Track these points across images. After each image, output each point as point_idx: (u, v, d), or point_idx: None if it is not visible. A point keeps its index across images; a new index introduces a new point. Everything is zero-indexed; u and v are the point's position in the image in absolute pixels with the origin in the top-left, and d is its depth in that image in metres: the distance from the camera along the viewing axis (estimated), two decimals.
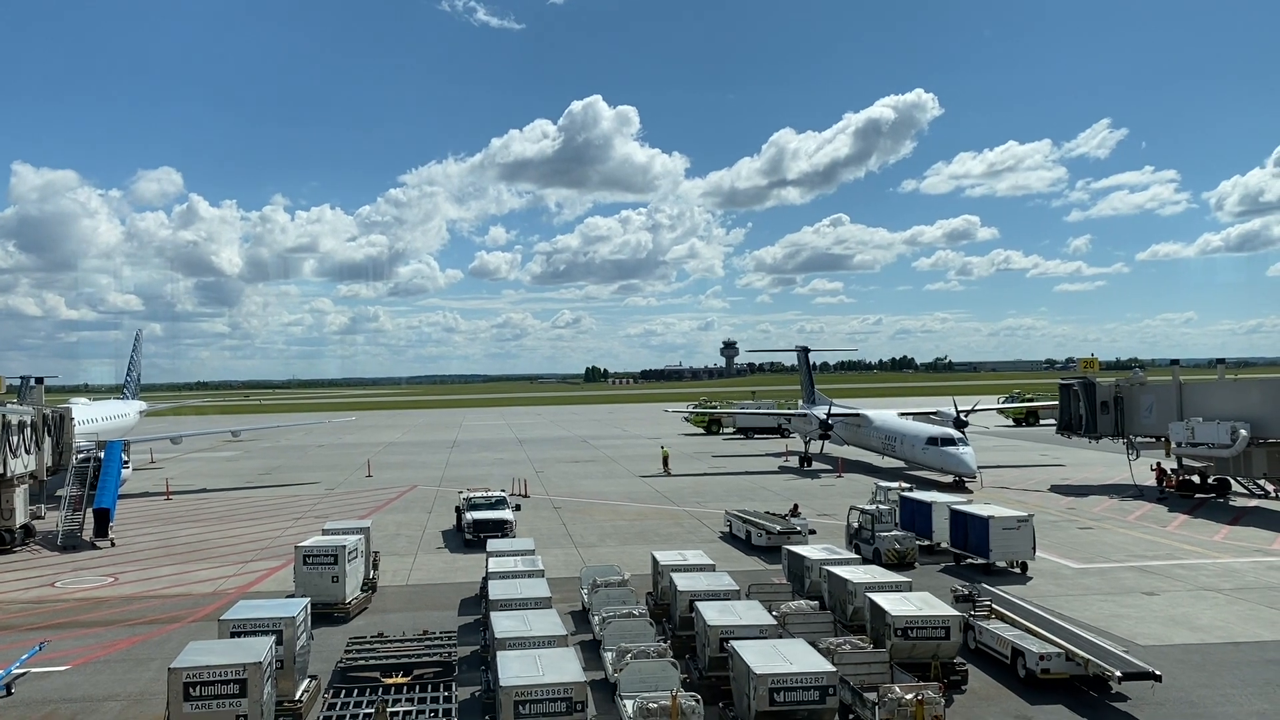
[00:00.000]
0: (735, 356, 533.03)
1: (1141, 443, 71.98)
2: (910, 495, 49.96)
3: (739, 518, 52.85)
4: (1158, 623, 34.95)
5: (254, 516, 64.40)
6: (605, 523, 59.04)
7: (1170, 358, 73.24)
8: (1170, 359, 75.14)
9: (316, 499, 72.43)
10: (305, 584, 36.92)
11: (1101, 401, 73.15)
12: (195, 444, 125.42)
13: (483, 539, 48.01)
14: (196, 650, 24.46)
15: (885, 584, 32.15)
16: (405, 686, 26.86)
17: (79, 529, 54.53)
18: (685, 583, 32.56)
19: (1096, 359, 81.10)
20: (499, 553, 39.41)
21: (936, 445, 72.30)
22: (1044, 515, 55.34)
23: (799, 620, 30.64)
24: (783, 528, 48.75)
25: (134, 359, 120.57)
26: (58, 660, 32.32)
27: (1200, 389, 67.09)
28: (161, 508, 69.74)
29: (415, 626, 34.05)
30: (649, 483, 78.05)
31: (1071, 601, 37.89)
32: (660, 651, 27.70)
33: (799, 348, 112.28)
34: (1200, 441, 62.48)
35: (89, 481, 56.22)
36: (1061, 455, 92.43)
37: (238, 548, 52.90)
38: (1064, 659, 28.08)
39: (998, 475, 77.32)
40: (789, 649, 25.16)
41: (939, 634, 28.21)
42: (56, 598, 42.17)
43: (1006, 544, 42.37)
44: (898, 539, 45.07)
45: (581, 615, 36.30)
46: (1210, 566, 43.94)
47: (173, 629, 36.24)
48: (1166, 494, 65.55)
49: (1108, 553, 47.41)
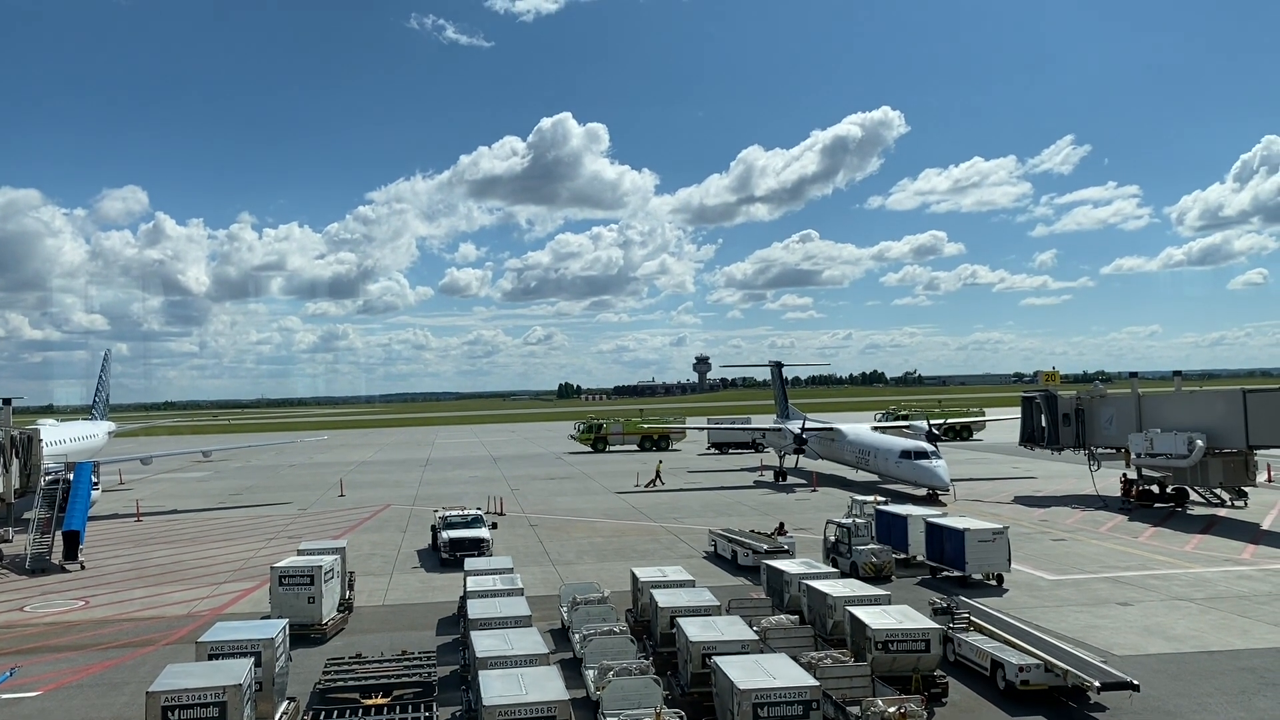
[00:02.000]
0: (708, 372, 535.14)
1: (1102, 454, 73.37)
2: (886, 509, 50.18)
3: (724, 537, 51.93)
4: (1133, 633, 35.30)
5: (227, 537, 63.71)
6: (583, 540, 58.89)
7: (1136, 371, 74.50)
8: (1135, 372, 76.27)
9: (290, 519, 71.77)
10: (281, 605, 36.55)
11: (1063, 414, 74.63)
12: (166, 464, 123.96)
13: (459, 558, 47.76)
14: (175, 673, 24.15)
15: (865, 597, 32.24)
16: (385, 707, 26.62)
17: (48, 552, 53.67)
18: (666, 599, 32.52)
19: (1058, 372, 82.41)
20: (477, 571, 39.16)
21: (910, 458, 72.75)
22: (1017, 527, 55.77)
23: (780, 635, 30.68)
24: (770, 547, 47.87)
25: (102, 379, 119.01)
26: (29, 685, 31.78)
27: (1158, 401, 68.43)
28: (132, 529, 68.84)
29: (393, 647, 33.78)
30: (625, 499, 77.94)
31: (1048, 613, 38.19)
32: (642, 669, 27.62)
33: (772, 363, 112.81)
34: (1158, 452, 63.94)
35: (58, 504, 55.36)
36: (1033, 468, 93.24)
37: (211, 569, 52.31)
38: (1043, 670, 28.27)
39: (970, 488, 77.88)
40: (772, 664, 25.17)
41: (919, 647, 28.33)
42: (26, 622, 41.51)
43: (982, 556, 42.66)
44: (874, 552, 45.28)
45: (561, 633, 36.15)
46: (1182, 576, 44.44)
47: (147, 652, 35.75)
48: (1129, 504, 66.62)
49: (1082, 564, 47.84)
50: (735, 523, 61.44)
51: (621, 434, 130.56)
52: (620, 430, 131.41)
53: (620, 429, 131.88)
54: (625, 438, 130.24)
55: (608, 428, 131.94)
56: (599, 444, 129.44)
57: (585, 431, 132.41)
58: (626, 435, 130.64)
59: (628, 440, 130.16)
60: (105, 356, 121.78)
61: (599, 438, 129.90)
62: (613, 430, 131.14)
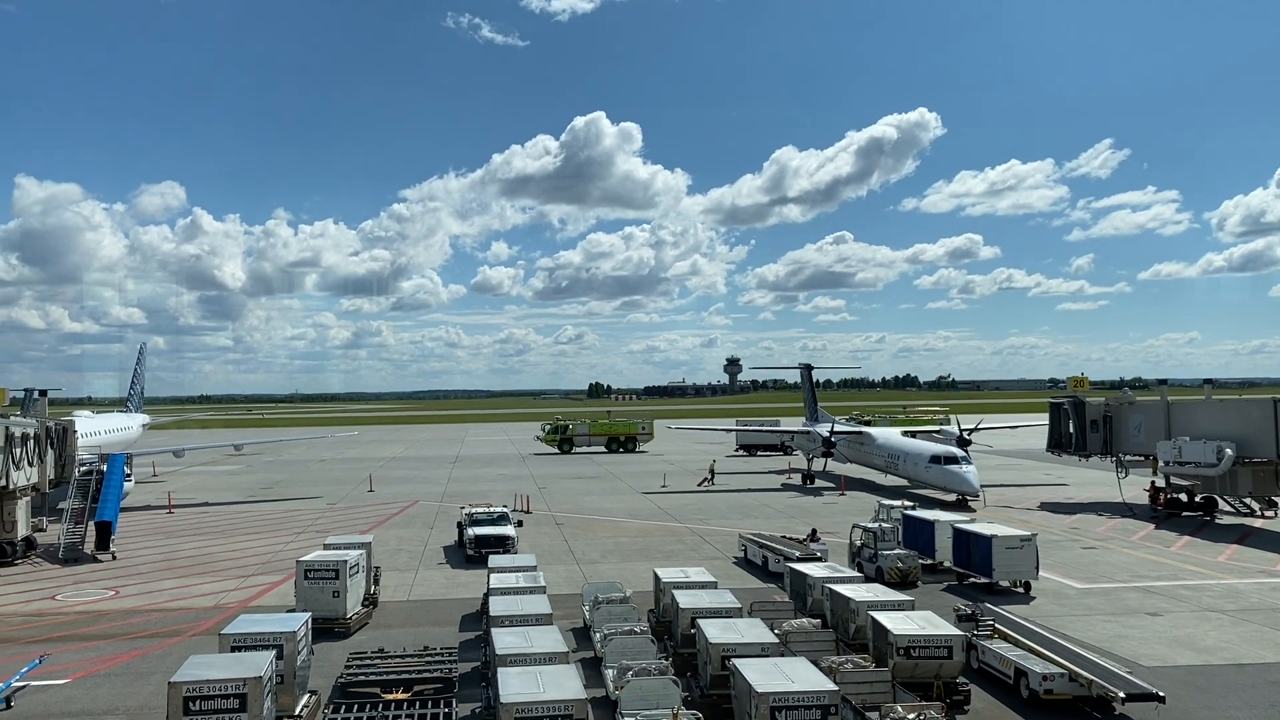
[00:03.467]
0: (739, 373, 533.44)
1: (1130, 461, 72.63)
2: (913, 514, 49.83)
3: (755, 542, 50.69)
4: (1162, 643, 34.79)
5: (256, 530, 64.34)
6: (607, 539, 58.92)
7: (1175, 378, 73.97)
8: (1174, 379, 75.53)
9: (318, 513, 72.36)
10: (306, 599, 36.83)
11: (1091, 420, 74.17)
12: (198, 457, 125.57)
13: (484, 555, 47.94)
14: (197, 664, 24.40)
15: (888, 602, 32.02)
16: (405, 702, 26.73)
17: (80, 542, 54.50)
18: (687, 600, 32.46)
19: (1086, 378, 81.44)
20: (501, 568, 39.30)
21: (940, 463, 72.19)
22: (1047, 534, 55.18)
23: (801, 638, 30.54)
24: (802, 554, 46.55)
25: (138, 372, 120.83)
26: (58, 674, 32.23)
27: (1188, 408, 67.72)
28: (163, 521, 69.68)
29: (416, 642, 33.93)
30: (651, 499, 77.92)
31: (1075, 621, 37.73)
32: (662, 669, 27.60)
33: (802, 365, 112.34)
34: (1187, 460, 63.21)
35: (91, 494, 56.27)
36: (1065, 474, 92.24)
37: (239, 562, 52.84)
38: (1067, 679, 27.93)
39: (1001, 494, 77.16)
40: (791, 667, 25.04)
41: (942, 653, 28.07)
42: (57, 611, 42.11)
43: (1010, 563, 42.23)
44: (900, 557, 44.94)
45: (583, 632, 36.18)
46: (1214, 587, 43.76)
47: (173, 643, 36.15)
48: (1158, 512, 65.87)
49: (1111, 573, 47.24)
50: (762, 525, 61.29)
51: (588, 435, 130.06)
52: (586, 431, 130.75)
53: (586, 430, 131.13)
54: (591, 439, 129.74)
55: (574, 429, 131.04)
56: (564, 445, 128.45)
57: (551, 433, 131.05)
58: (593, 436, 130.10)
59: (594, 441, 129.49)
60: (141, 350, 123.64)
61: (564, 439, 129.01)
62: (579, 431, 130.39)
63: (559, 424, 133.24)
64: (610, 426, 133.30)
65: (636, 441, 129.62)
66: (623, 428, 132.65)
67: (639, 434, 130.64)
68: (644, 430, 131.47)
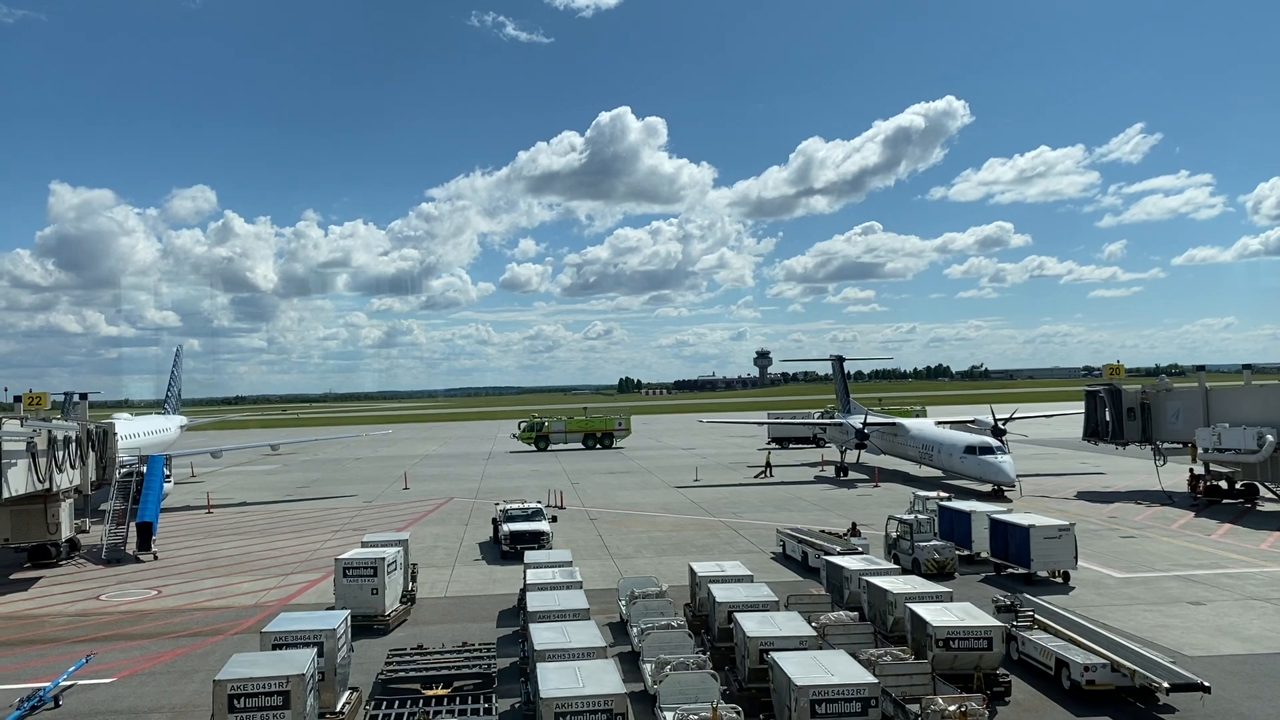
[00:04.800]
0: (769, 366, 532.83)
1: (1168, 449, 71.90)
2: (949, 504, 49.46)
3: (794, 537, 49.97)
4: (1205, 633, 34.38)
5: (294, 529, 64.98)
6: (641, 534, 58.99)
7: (1212, 364, 73.08)
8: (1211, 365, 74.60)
9: (355, 511, 72.96)
10: (345, 596, 37.15)
11: (1128, 408, 73.49)
12: (235, 458, 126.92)
13: (520, 551, 48.14)
14: (240, 662, 24.69)
15: (926, 594, 31.81)
16: (445, 698, 26.95)
17: (123, 543, 55.34)
18: (724, 594, 32.46)
19: (1122, 365, 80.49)
20: (537, 564, 39.44)
21: (975, 454, 71.65)
22: (1085, 524, 54.67)
23: (839, 631, 30.43)
24: (844, 548, 45.57)
25: (174, 374, 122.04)
26: (104, 672, 32.74)
27: (1227, 395, 66.90)
28: (203, 521, 70.55)
29: (454, 638, 34.18)
30: (685, 493, 77.91)
31: (1115, 611, 37.37)
32: (700, 663, 27.64)
33: (834, 356, 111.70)
34: (1227, 447, 62.51)
35: (132, 496, 57.08)
36: (1101, 463, 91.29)
37: (278, 560, 53.39)
38: (1110, 670, 27.65)
39: (1037, 484, 76.50)
40: (830, 660, 24.98)
41: (981, 645, 27.88)
42: (102, 611, 42.76)
43: (1048, 553, 41.88)
44: (937, 549, 44.64)
45: (619, 627, 36.27)
46: (1258, 575, 43.19)
47: (215, 641, 36.61)
48: (1198, 500, 65.13)
49: (1151, 562, 46.73)
50: (796, 518, 61.15)
51: (564, 432, 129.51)
52: (563, 429, 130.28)
53: (563, 427, 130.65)
54: (568, 436, 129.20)
55: (549, 426, 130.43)
56: (540, 442, 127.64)
57: (527, 430, 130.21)
58: (569, 434, 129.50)
59: (570, 439, 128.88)
60: (177, 352, 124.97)
61: (540, 436, 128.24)
62: (554, 429, 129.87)
63: (535, 421, 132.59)
64: (587, 423, 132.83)
65: (613, 438, 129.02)
66: (599, 424, 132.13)
67: (615, 430, 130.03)
68: (620, 426, 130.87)
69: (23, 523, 51.04)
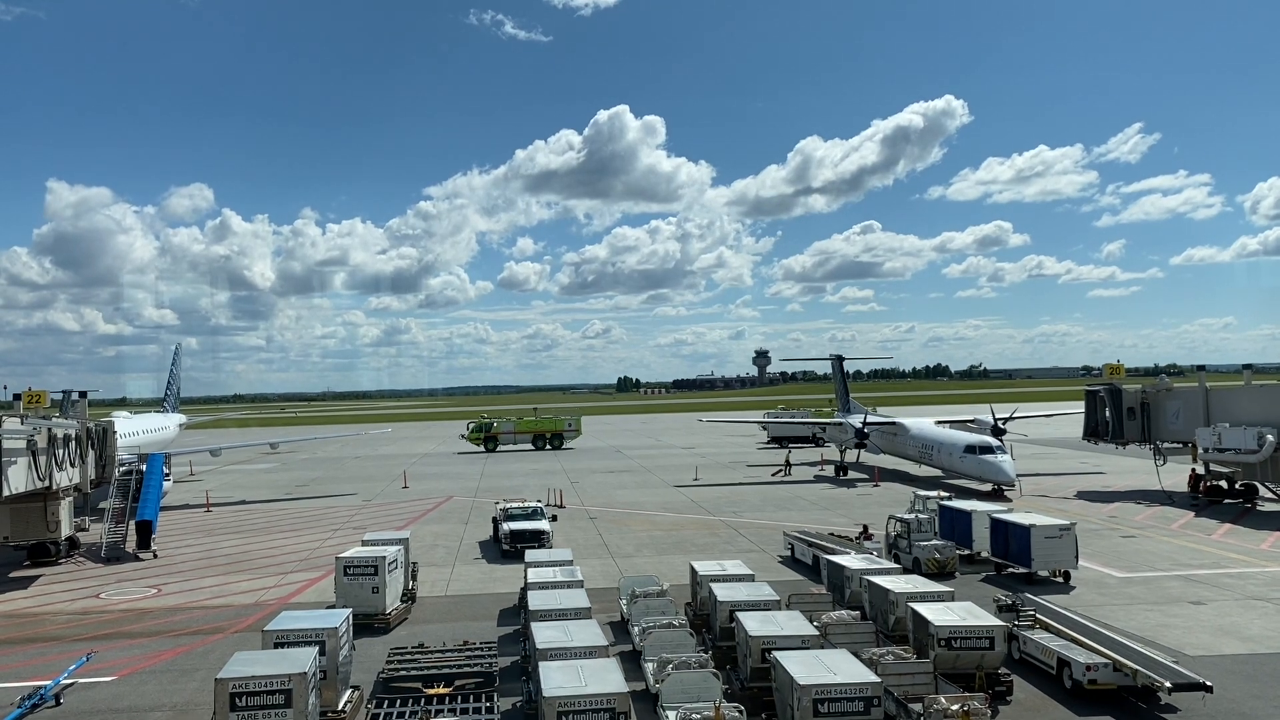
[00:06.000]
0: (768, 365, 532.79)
1: (1168, 448, 71.92)
2: (949, 504, 49.46)
3: (803, 540, 48.76)
4: (1206, 632, 34.39)
5: (293, 528, 64.92)
6: (641, 533, 58.96)
7: (1211, 363, 73.11)
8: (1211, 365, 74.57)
9: (354, 510, 72.90)
10: (346, 595, 37.12)
11: (1128, 408, 73.61)
12: (234, 456, 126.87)
13: (520, 549, 48.11)
14: (242, 661, 24.65)
15: (927, 594, 31.79)
16: (447, 697, 26.93)
17: (122, 541, 55.28)
18: (725, 593, 32.44)
19: (1122, 365, 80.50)
20: (537, 563, 39.41)
21: (975, 453, 71.68)
22: (1086, 523, 54.68)
23: (840, 630, 30.43)
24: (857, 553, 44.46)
25: (173, 372, 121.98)
26: (104, 671, 32.70)
27: (1227, 395, 66.99)
28: (202, 520, 70.48)
29: (455, 637, 34.16)
30: (684, 492, 77.90)
31: (1117, 611, 37.36)
32: (702, 662, 27.63)
33: (833, 356, 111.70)
34: (1227, 447, 62.55)
35: (131, 494, 57.02)
36: (1101, 463, 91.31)
37: (278, 559, 53.34)
38: (1111, 669, 27.65)
39: (1037, 483, 76.51)
40: (832, 659, 24.98)
41: (983, 644, 27.87)
42: (102, 609, 42.71)
43: (1049, 553, 41.87)
44: (938, 548, 44.64)
45: (620, 626, 36.22)
46: (1258, 575, 43.20)
47: (215, 639, 36.57)
48: (1197, 500, 65.11)
49: (1152, 561, 46.73)
50: (796, 517, 61.15)
51: (513, 433, 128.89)
52: (512, 429, 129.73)
53: (512, 428, 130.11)
54: (517, 437, 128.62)
55: (498, 427, 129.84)
56: (489, 443, 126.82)
57: (475, 431, 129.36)
58: (518, 434, 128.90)
59: (520, 439, 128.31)
60: (176, 350, 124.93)
61: (489, 437, 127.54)
62: (504, 429, 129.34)
63: (483, 422, 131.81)
64: (536, 424, 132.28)
65: (563, 438, 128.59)
66: (548, 425, 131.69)
67: (565, 431, 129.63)
68: (570, 427, 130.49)
69: (22, 521, 51.02)
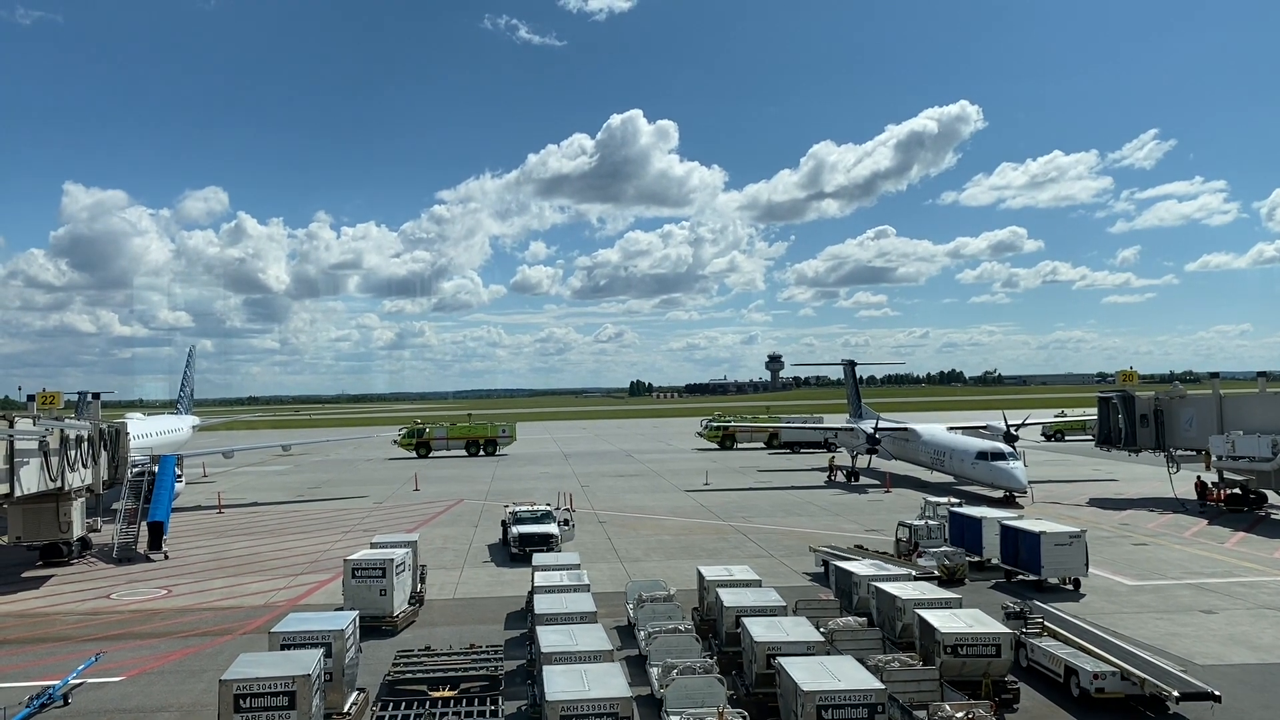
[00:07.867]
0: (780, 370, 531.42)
1: (1181, 456, 71.43)
2: (960, 510, 49.28)
3: (838, 557, 44.45)
4: (1216, 642, 34.15)
5: (304, 530, 65.13)
6: (650, 537, 58.93)
7: (1227, 371, 72.50)
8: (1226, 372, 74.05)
9: (365, 513, 73.08)
10: (354, 597, 37.22)
11: (1141, 415, 73.06)
12: (246, 458, 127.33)
13: (528, 553, 48.15)
14: (247, 662, 24.75)
15: (935, 600, 31.69)
16: (452, 700, 26.94)
17: (133, 542, 55.54)
18: (731, 598, 32.39)
19: (1135, 372, 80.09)
20: (545, 567, 39.43)
21: (987, 460, 71.40)
22: (1097, 531, 54.35)
23: (847, 637, 30.35)
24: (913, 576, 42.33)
25: (187, 374, 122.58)
26: (113, 671, 32.87)
27: (1241, 402, 66.43)
28: (214, 521, 70.77)
29: (462, 640, 34.17)
30: (694, 497, 77.83)
31: (1126, 619, 37.15)
32: (706, 667, 27.57)
33: (845, 361, 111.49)
34: (1241, 455, 61.98)
35: (143, 495, 57.32)
36: (1114, 470, 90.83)
37: (288, 561, 53.52)
38: (1119, 678, 27.49)
39: (1049, 490, 76.15)
40: (837, 666, 24.90)
41: (990, 651, 27.76)
42: (112, 609, 42.93)
43: (1059, 560, 41.67)
44: (947, 555, 44.49)
45: (627, 630, 36.21)
46: (1271, 584, 42.87)
47: (224, 641, 36.71)
48: (1207, 508, 64.73)
49: (1163, 570, 46.44)
50: (807, 523, 61.07)
51: (446, 439, 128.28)
52: (445, 435, 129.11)
53: (445, 434, 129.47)
54: (450, 443, 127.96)
55: (431, 432, 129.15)
56: (421, 449, 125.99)
57: (407, 437, 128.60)
58: (451, 440, 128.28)
59: (453, 445, 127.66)
60: (190, 352, 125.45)
61: (421, 443, 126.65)
62: (436, 435, 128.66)
63: (416, 428, 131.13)
64: (469, 430, 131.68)
65: (496, 444, 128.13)
66: (481, 430, 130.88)
67: (499, 437, 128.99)
68: (504, 434, 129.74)
69: (35, 521, 51.41)
